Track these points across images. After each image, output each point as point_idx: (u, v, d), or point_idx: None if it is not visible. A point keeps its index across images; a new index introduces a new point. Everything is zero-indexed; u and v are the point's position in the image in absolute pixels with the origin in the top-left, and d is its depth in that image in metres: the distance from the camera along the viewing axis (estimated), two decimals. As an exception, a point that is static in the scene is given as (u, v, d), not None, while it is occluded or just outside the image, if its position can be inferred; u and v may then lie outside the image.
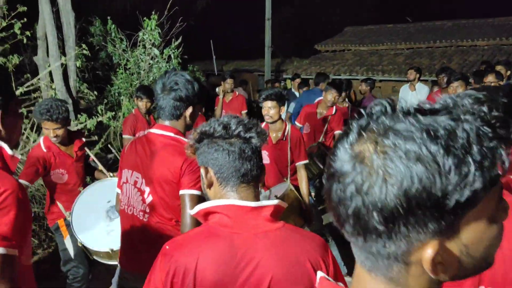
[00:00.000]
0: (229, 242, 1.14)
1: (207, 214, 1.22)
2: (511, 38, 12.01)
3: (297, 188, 3.59)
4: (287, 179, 3.65)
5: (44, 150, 3.05)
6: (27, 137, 5.01)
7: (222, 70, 13.33)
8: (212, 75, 13.53)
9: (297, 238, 1.20)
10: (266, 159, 3.80)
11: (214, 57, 13.65)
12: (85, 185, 3.28)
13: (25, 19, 4.89)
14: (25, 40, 4.88)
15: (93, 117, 5.31)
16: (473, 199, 0.51)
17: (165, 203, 1.96)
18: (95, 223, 2.91)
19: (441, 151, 0.50)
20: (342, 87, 5.68)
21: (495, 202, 0.55)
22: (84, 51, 5.07)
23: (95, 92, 5.59)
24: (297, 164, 3.66)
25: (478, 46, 12.50)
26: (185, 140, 1.97)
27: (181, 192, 1.90)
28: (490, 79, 4.51)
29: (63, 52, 5.56)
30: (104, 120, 5.40)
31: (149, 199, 1.98)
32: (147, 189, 1.99)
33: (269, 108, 3.46)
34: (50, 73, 5.37)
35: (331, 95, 4.77)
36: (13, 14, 4.91)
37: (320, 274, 0.68)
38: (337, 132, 4.84)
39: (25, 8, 4.84)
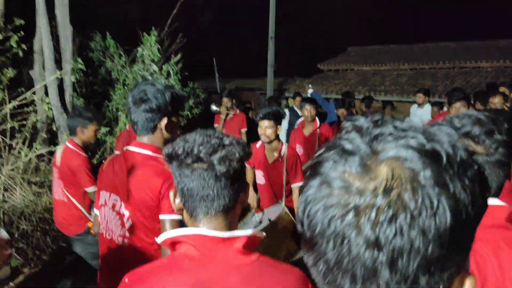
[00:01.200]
0: (194, 277, 1.00)
1: (174, 243, 1.09)
2: (515, 61, 11.96)
3: (292, 210, 3.46)
4: (282, 200, 3.51)
5: (83, 153, 3.22)
6: (19, 152, 4.90)
7: (225, 88, 13.28)
8: (214, 93, 13.48)
9: (272, 273, 1.06)
10: (261, 179, 3.68)
11: (217, 75, 13.64)
12: None
13: (22, 33, 4.84)
14: (21, 54, 4.82)
15: (88, 132, 5.21)
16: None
17: (146, 228, 1.82)
18: None
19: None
20: (345, 103, 5.90)
21: None
22: (80, 65, 4.99)
23: (92, 107, 5.49)
24: (292, 185, 3.54)
25: (481, 68, 12.43)
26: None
27: (161, 217, 1.76)
28: (497, 100, 4.42)
29: (60, 67, 5.50)
30: (98, 135, 5.30)
31: (128, 223, 1.85)
32: (126, 213, 1.85)
33: (266, 128, 3.36)
34: (46, 88, 5.31)
35: (306, 111, 4.86)
36: (10, 28, 4.87)
37: None
38: None
39: (22, 21, 4.79)
